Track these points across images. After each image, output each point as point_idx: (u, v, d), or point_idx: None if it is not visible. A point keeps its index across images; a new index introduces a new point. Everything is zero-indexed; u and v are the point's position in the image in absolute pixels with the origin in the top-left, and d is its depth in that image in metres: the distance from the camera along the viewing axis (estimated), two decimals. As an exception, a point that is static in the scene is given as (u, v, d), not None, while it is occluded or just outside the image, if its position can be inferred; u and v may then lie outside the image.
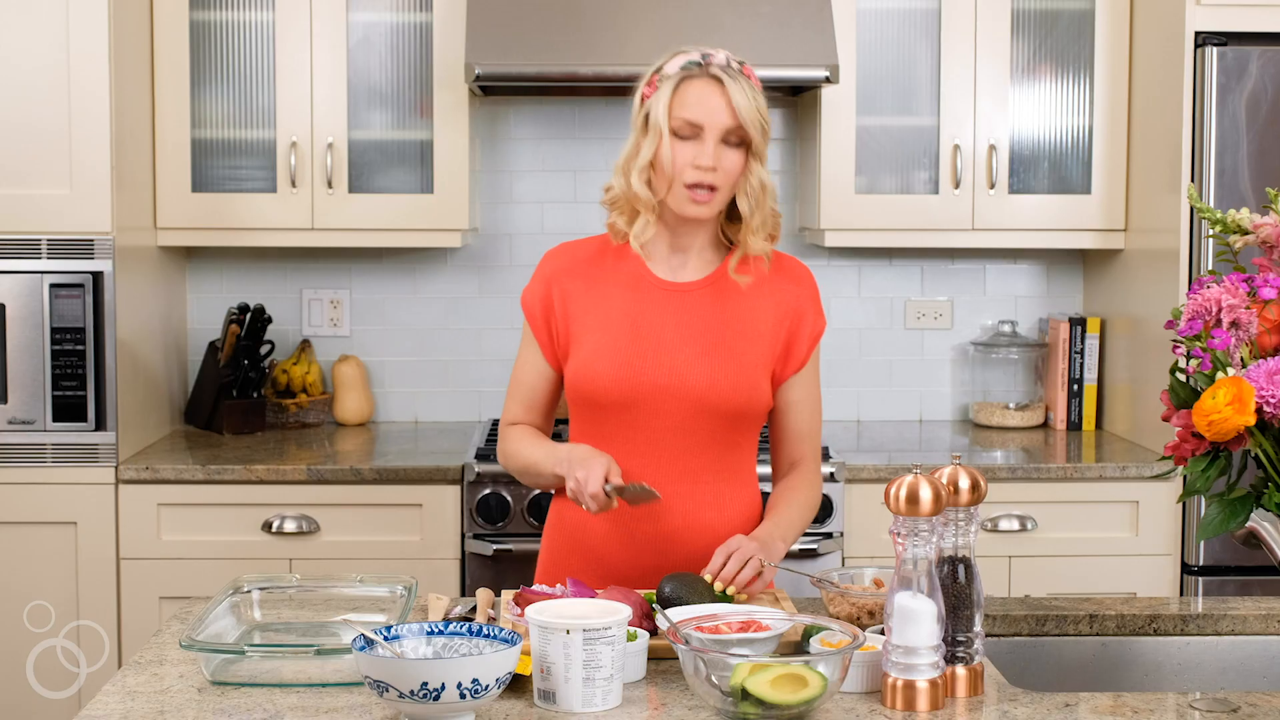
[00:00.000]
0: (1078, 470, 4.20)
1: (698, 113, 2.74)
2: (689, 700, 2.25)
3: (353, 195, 4.44)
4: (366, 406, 4.79)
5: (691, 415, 2.82)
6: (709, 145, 2.74)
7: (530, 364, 2.94)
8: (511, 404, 2.97)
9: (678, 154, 2.75)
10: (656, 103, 2.77)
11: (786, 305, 2.88)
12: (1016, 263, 4.94)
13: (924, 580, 2.20)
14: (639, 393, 2.81)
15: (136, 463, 4.10)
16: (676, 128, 2.75)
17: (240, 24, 4.44)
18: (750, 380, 2.83)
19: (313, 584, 2.69)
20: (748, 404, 2.83)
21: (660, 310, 2.85)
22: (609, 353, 2.82)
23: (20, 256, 4.02)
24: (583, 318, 2.87)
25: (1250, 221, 2.36)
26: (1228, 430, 2.18)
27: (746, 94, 2.74)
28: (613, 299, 2.86)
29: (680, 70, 2.76)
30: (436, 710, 2.08)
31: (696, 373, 2.80)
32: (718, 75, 2.74)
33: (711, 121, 2.73)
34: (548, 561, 2.98)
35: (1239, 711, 2.23)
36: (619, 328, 2.84)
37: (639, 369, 2.81)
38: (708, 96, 2.74)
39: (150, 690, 2.29)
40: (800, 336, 2.88)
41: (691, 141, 2.75)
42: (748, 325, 2.85)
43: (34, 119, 4.01)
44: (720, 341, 2.83)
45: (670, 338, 2.83)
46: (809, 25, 4.27)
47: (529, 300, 2.92)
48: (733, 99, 2.72)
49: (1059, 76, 4.55)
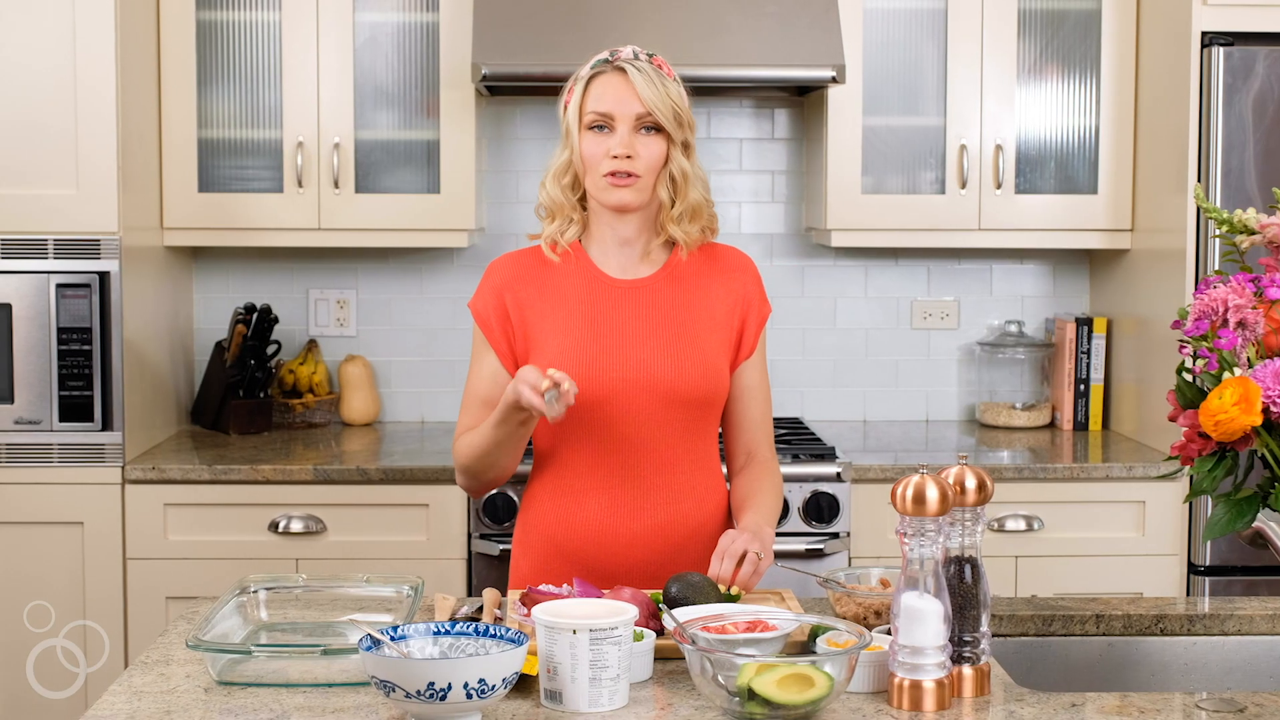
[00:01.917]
0: (1084, 470, 4.19)
1: (605, 103, 2.83)
2: (695, 700, 2.25)
3: (359, 195, 4.44)
4: (373, 406, 4.79)
5: (662, 407, 2.85)
6: (620, 133, 2.82)
7: (487, 374, 2.91)
8: (465, 418, 2.93)
9: (594, 146, 2.84)
10: (571, 105, 2.87)
11: (736, 293, 2.95)
12: (1023, 263, 4.94)
13: (930, 580, 2.20)
14: (608, 389, 2.82)
15: (143, 463, 4.11)
16: (589, 122, 2.84)
17: (246, 24, 4.44)
18: (715, 366, 2.89)
19: (319, 584, 2.69)
20: (715, 391, 2.89)
21: (618, 307, 2.88)
22: (573, 353, 2.83)
23: (27, 256, 4.02)
24: (540, 323, 2.88)
25: (1257, 221, 2.36)
26: (1234, 430, 2.18)
27: (654, 82, 2.82)
28: (569, 302, 2.88)
29: (590, 70, 2.86)
30: (443, 710, 2.08)
31: (663, 364, 2.84)
32: (622, 66, 2.83)
33: (620, 110, 2.82)
34: (525, 568, 2.95)
35: (1245, 711, 2.23)
36: (579, 329, 2.86)
37: (605, 366, 2.83)
38: (615, 87, 2.83)
39: (157, 690, 2.29)
40: (750, 322, 2.95)
41: (606, 133, 2.83)
42: (704, 314, 2.90)
43: (40, 119, 4.01)
44: (682, 332, 2.87)
45: (632, 332, 2.86)
46: (815, 25, 4.27)
47: (482, 310, 2.91)
48: (637, 87, 2.80)
49: (1065, 76, 4.55)
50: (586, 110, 2.84)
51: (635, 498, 2.86)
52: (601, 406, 2.83)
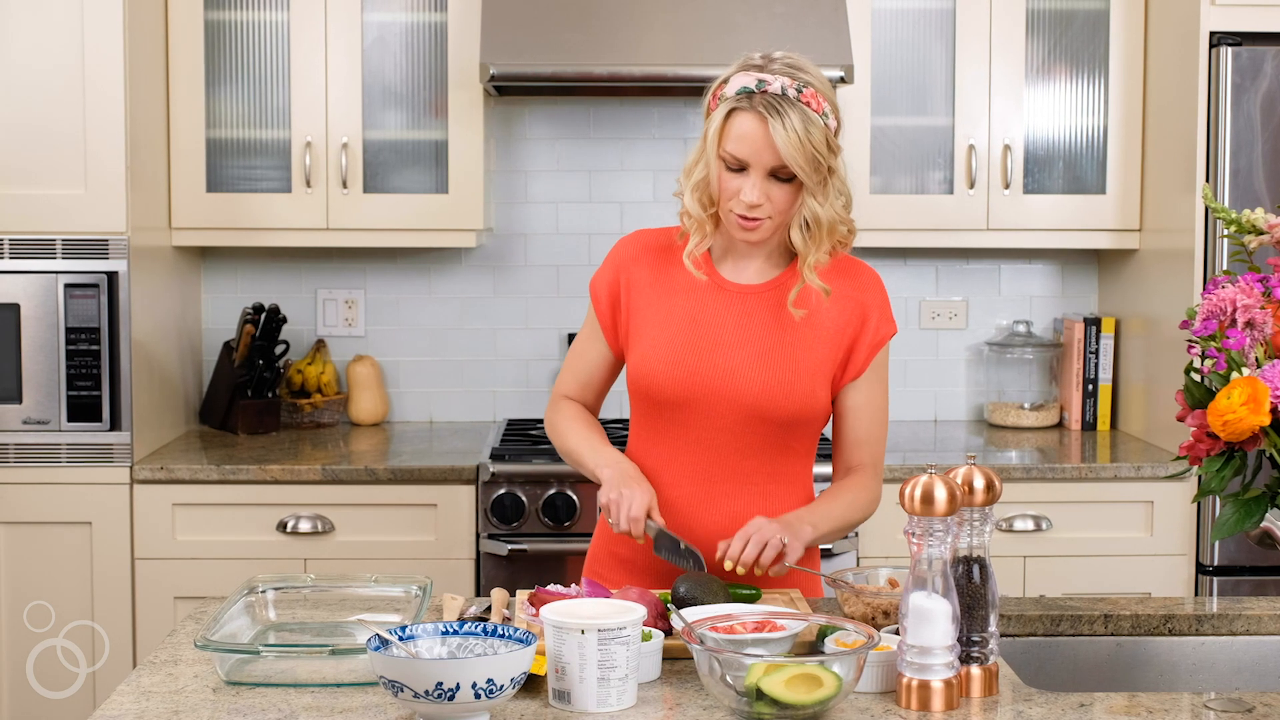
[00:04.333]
0: (1092, 470, 4.19)
1: (741, 149, 2.68)
2: (704, 700, 2.25)
3: (367, 195, 4.44)
4: (381, 406, 4.79)
5: (744, 420, 2.80)
6: (753, 180, 2.69)
7: (590, 344, 2.94)
8: (567, 375, 2.98)
9: (727, 184, 2.72)
10: (711, 125, 2.73)
11: (851, 311, 2.84)
12: (1031, 263, 4.93)
13: (939, 580, 2.20)
14: (692, 393, 2.79)
15: (151, 463, 4.11)
16: (724, 158, 2.71)
17: (255, 24, 4.44)
18: (806, 387, 2.79)
19: (327, 584, 2.69)
20: (802, 411, 2.80)
21: (721, 311, 2.83)
22: (666, 350, 2.81)
23: (35, 256, 4.03)
24: (645, 310, 2.86)
25: (1265, 221, 2.36)
26: (1242, 430, 2.17)
27: (795, 128, 2.64)
28: (676, 294, 2.85)
29: (735, 97, 2.69)
30: (451, 710, 2.08)
31: (751, 378, 2.78)
32: (762, 111, 2.66)
33: (755, 160, 2.68)
34: (593, 559, 2.99)
35: (1254, 711, 2.23)
36: (679, 325, 2.82)
37: (694, 369, 2.79)
38: (752, 132, 2.67)
39: (165, 690, 2.29)
40: (862, 342, 2.84)
41: (739, 174, 2.71)
42: (808, 331, 2.81)
43: (49, 119, 4.02)
44: (778, 346, 2.80)
45: (728, 339, 2.80)
46: (824, 25, 4.27)
47: (597, 286, 2.92)
48: (775, 137, 2.65)
49: (1074, 76, 4.55)
50: (724, 145, 2.69)
51: (703, 502, 2.81)
52: (683, 408, 2.80)
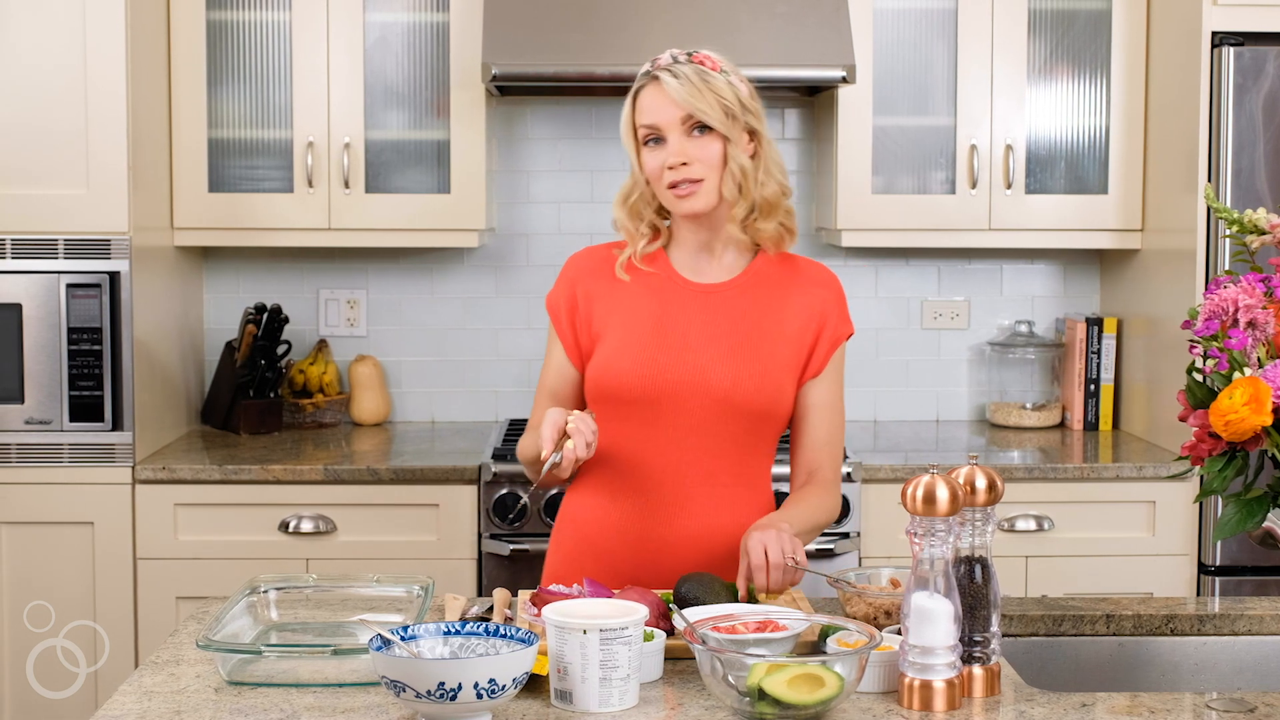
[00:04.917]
0: (1094, 470, 4.19)
1: (648, 115, 2.79)
2: (706, 700, 2.25)
3: (369, 195, 4.44)
4: (383, 406, 4.79)
5: (714, 415, 2.81)
6: (671, 141, 2.77)
7: (554, 366, 2.94)
8: (534, 411, 2.96)
9: (652, 160, 2.80)
10: (624, 124, 2.84)
11: (813, 309, 2.88)
12: (1033, 263, 4.93)
13: (941, 580, 2.20)
14: (662, 390, 2.80)
15: (153, 463, 4.11)
16: (643, 137, 2.81)
17: (257, 24, 4.44)
18: (775, 382, 2.82)
19: (329, 584, 2.69)
20: (771, 405, 2.83)
21: (685, 310, 2.85)
22: (633, 349, 2.82)
23: (37, 256, 4.03)
24: (606, 317, 2.87)
25: (1267, 221, 2.36)
26: (1244, 430, 2.17)
27: (691, 82, 2.75)
28: (637, 298, 2.86)
29: (634, 86, 2.83)
30: (453, 710, 2.08)
31: (721, 371, 2.80)
32: (656, 75, 2.78)
33: (662, 119, 2.77)
34: (557, 563, 2.95)
35: (1256, 711, 2.23)
36: (643, 326, 2.84)
37: (663, 366, 2.80)
38: (653, 97, 2.78)
39: (167, 690, 2.29)
40: (823, 339, 2.87)
41: (661, 145, 2.79)
42: (773, 327, 2.85)
43: (51, 119, 4.02)
44: (746, 341, 2.82)
45: (695, 336, 2.82)
46: (826, 25, 4.27)
47: (553, 302, 2.94)
48: (668, 88, 2.75)
49: (1076, 76, 4.54)
50: (637, 126, 2.81)
51: (673, 503, 2.82)
52: (654, 406, 2.81)
